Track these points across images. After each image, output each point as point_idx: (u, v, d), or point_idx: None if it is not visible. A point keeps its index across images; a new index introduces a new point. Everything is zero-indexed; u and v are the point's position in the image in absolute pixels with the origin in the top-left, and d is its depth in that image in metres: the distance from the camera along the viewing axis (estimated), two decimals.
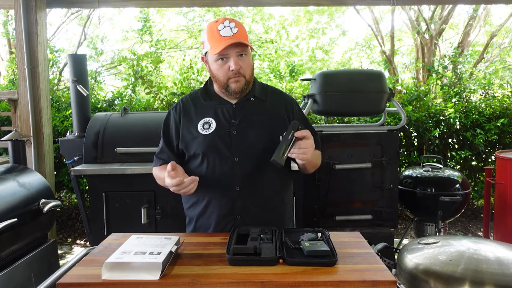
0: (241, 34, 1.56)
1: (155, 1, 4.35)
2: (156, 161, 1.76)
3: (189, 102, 1.73)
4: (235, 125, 1.64)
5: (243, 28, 1.59)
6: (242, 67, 1.58)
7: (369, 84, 3.06)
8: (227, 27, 1.54)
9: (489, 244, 1.55)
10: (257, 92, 1.71)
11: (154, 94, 4.87)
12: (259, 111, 1.69)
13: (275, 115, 1.70)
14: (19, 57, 3.68)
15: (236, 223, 1.62)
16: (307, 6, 10.19)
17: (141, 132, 3.00)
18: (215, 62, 1.59)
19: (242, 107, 1.67)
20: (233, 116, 1.65)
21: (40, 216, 2.27)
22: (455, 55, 5.60)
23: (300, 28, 11.53)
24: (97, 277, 1.17)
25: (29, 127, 3.66)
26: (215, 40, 1.55)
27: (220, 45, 1.52)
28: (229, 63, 1.57)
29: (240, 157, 1.62)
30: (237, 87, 1.61)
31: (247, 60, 1.60)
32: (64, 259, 3.81)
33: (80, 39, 8.61)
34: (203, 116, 1.67)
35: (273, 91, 1.80)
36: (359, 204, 3.11)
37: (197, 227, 1.72)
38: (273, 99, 1.75)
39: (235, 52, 1.56)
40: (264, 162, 1.59)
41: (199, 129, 1.65)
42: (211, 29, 1.57)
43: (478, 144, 4.39)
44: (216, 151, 1.63)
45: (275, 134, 1.62)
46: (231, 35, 1.54)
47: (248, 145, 1.63)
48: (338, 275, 1.19)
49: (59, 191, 4.67)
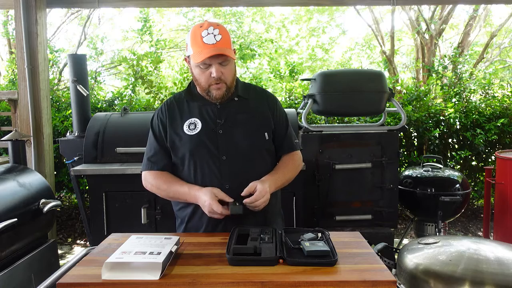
0: (224, 42, 1.56)
1: (155, 1, 4.35)
2: (149, 164, 1.72)
3: (173, 104, 1.75)
4: (221, 124, 1.66)
5: (227, 35, 1.60)
6: (223, 74, 1.60)
7: (369, 84, 3.06)
8: (211, 34, 1.55)
9: (489, 244, 1.55)
10: (240, 91, 1.74)
11: (154, 94, 4.87)
12: (243, 110, 1.72)
13: (259, 113, 1.74)
14: (19, 57, 3.68)
15: (227, 222, 1.62)
16: (308, 6, 10.18)
17: (141, 132, 2.99)
18: (197, 67, 1.61)
19: (226, 107, 1.70)
20: (218, 116, 1.68)
21: (40, 216, 2.27)
22: (455, 55, 5.59)
23: (301, 27, 11.53)
24: (97, 277, 1.17)
25: (29, 127, 3.66)
26: (197, 47, 1.56)
27: (202, 54, 1.54)
28: (210, 70, 1.58)
29: (227, 156, 1.64)
30: (218, 94, 1.63)
31: (228, 67, 1.62)
32: (64, 259, 3.81)
33: (80, 39, 8.60)
34: (188, 117, 1.69)
35: (255, 90, 1.83)
36: (359, 204, 3.10)
37: (188, 228, 1.73)
38: (256, 97, 1.78)
39: (217, 61, 1.57)
40: (251, 160, 1.65)
41: (185, 130, 1.67)
42: (195, 34, 1.57)
43: (478, 144, 4.39)
44: (203, 151, 1.64)
45: (260, 131, 1.69)
46: (214, 43, 1.54)
47: (234, 144, 1.65)
48: (338, 275, 1.19)
49: (59, 191, 4.67)
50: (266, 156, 1.72)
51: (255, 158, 1.68)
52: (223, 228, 1.64)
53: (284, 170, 1.73)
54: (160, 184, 1.68)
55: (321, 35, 11.65)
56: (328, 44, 11.65)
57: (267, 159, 1.73)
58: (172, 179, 1.69)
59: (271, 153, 1.75)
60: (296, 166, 1.79)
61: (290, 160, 1.78)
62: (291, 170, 1.76)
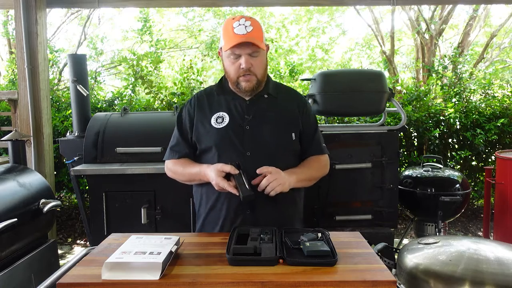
0: (255, 34, 1.58)
1: (155, 1, 4.35)
2: (171, 153, 1.77)
3: (203, 97, 1.78)
4: (248, 120, 1.67)
5: (259, 28, 1.62)
6: (253, 66, 1.61)
7: (369, 84, 3.06)
8: (242, 25, 1.58)
9: (489, 244, 1.55)
10: (271, 89, 1.75)
11: (154, 94, 4.87)
12: (272, 107, 1.72)
13: (288, 112, 1.73)
14: (19, 57, 3.68)
15: (246, 218, 1.63)
16: (308, 6, 10.19)
17: (141, 132, 3.00)
18: (228, 58, 1.63)
19: (256, 103, 1.71)
20: (247, 112, 1.69)
21: (40, 216, 2.27)
22: (455, 55, 5.59)
23: (300, 27, 11.52)
24: (97, 277, 1.17)
25: (29, 127, 3.66)
26: (228, 37, 1.59)
27: (231, 42, 1.56)
28: (240, 61, 1.60)
29: (252, 152, 1.65)
30: (247, 86, 1.64)
31: (259, 59, 1.63)
32: (64, 259, 3.81)
33: (80, 39, 8.61)
34: (216, 110, 1.71)
35: (286, 89, 1.84)
36: (359, 204, 3.10)
37: (206, 222, 1.74)
38: (286, 97, 1.78)
39: (246, 52, 1.59)
40: (276, 158, 1.63)
41: (212, 123, 1.69)
42: (227, 26, 1.61)
43: (478, 144, 4.39)
44: (228, 145, 1.65)
45: (287, 130, 1.68)
46: (244, 34, 1.57)
47: (260, 140, 1.66)
48: (338, 275, 1.19)
49: (59, 191, 4.67)
50: (290, 156, 1.72)
51: (279, 157, 1.66)
52: (243, 221, 1.64)
53: (308, 166, 1.72)
54: (177, 169, 1.73)
55: (321, 35, 11.65)
56: (328, 45, 11.64)
57: (291, 159, 1.72)
58: (188, 162, 1.73)
59: (296, 154, 1.74)
60: (322, 167, 1.78)
61: (315, 160, 1.77)
62: (315, 169, 1.75)
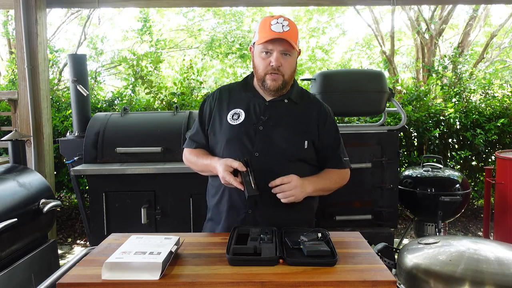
0: (291, 34, 1.60)
1: (155, 1, 4.34)
2: (190, 142, 1.82)
3: (226, 91, 1.80)
4: (263, 121, 1.68)
5: (295, 29, 1.63)
6: (282, 65, 1.62)
7: (369, 84, 3.06)
8: (279, 24, 1.60)
9: (489, 244, 1.55)
10: (293, 95, 1.74)
11: (154, 94, 4.87)
12: (289, 113, 1.72)
13: (304, 120, 1.72)
14: (19, 57, 3.68)
15: (247, 217, 1.64)
16: (307, 6, 10.19)
17: (141, 132, 3.00)
18: (259, 54, 1.64)
19: (274, 106, 1.71)
20: (263, 113, 1.69)
21: (40, 216, 2.27)
22: (455, 55, 5.59)
23: (300, 27, 11.52)
24: (97, 277, 1.17)
25: (29, 127, 3.66)
26: (264, 32, 1.60)
27: (266, 37, 1.58)
28: (270, 58, 1.61)
29: (260, 153, 1.65)
30: (272, 85, 1.65)
31: (289, 60, 1.64)
32: (64, 259, 3.81)
33: (80, 39, 8.61)
34: (234, 106, 1.73)
35: (309, 97, 1.82)
36: (359, 204, 3.10)
37: (211, 218, 1.78)
38: (307, 105, 1.77)
39: (279, 49, 1.60)
40: (283, 163, 1.64)
41: (228, 119, 1.70)
42: (264, 22, 1.63)
43: (478, 144, 4.39)
44: (238, 142, 1.66)
45: (299, 138, 1.67)
46: (280, 32, 1.58)
47: (270, 143, 1.66)
48: (338, 275, 1.19)
49: (59, 191, 4.67)
50: (299, 164, 1.68)
51: (287, 162, 1.65)
52: (253, 221, 1.64)
53: (327, 178, 1.72)
54: (192, 158, 1.78)
55: (320, 36, 11.65)
56: (328, 45, 11.64)
57: (301, 166, 1.68)
58: (202, 153, 1.76)
59: (306, 162, 1.71)
60: (341, 179, 1.77)
61: (336, 172, 1.76)
62: (334, 181, 1.74)
